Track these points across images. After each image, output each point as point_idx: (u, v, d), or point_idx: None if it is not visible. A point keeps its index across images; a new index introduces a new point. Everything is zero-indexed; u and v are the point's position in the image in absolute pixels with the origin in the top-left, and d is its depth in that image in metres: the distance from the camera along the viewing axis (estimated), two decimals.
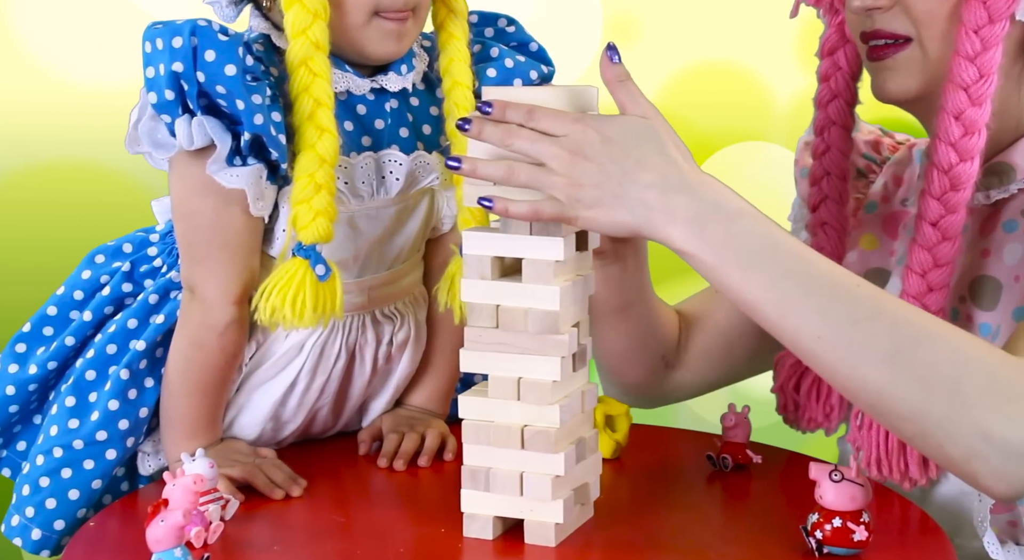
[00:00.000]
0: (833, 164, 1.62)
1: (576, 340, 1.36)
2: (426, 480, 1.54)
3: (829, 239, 1.63)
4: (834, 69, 1.61)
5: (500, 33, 1.69)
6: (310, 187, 1.48)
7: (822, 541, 1.33)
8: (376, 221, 1.59)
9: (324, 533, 1.40)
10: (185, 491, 1.29)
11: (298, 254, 1.49)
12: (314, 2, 1.48)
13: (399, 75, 1.59)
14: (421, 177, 1.60)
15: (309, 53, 1.48)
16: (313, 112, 1.48)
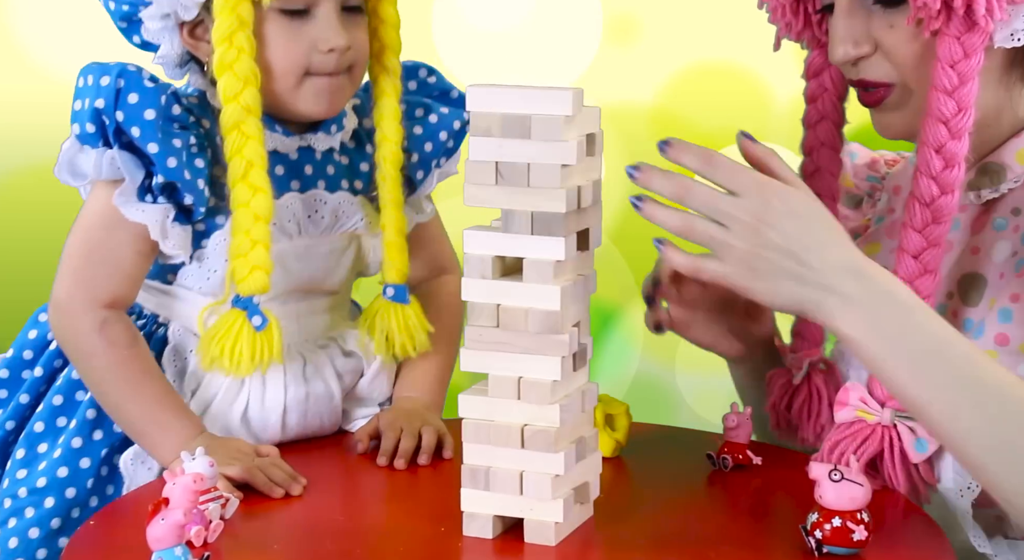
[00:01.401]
0: (823, 186, 1.61)
1: (576, 340, 1.36)
2: (426, 479, 1.54)
3: None
4: (820, 90, 1.61)
5: (422, 84, 1.80)
6: (246, 243, 1.57)
7: (822, 540, 1.33)
8: (307, 261, 1.67)
9: (324, 532, 1.40)
10: (185, 490, 1.29)
11: (236, 306, 1.59)
12: (244, 69, 1.57)
13: (327, 135, 1.69)
14: (345, 217, 1.69)
15: (241, 117, 1.57)
16: (246, 172, 1.57)
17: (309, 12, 1.61)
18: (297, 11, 1.61)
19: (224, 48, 1.57)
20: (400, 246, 1.71)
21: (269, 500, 1.49)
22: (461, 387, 1.38)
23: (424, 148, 1.76)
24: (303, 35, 1.61)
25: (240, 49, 1.57)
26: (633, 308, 2.90)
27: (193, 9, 1.61)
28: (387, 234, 1.70)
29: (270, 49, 1.60)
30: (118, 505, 1.52)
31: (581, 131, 1.32)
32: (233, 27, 1.57)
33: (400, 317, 1.73)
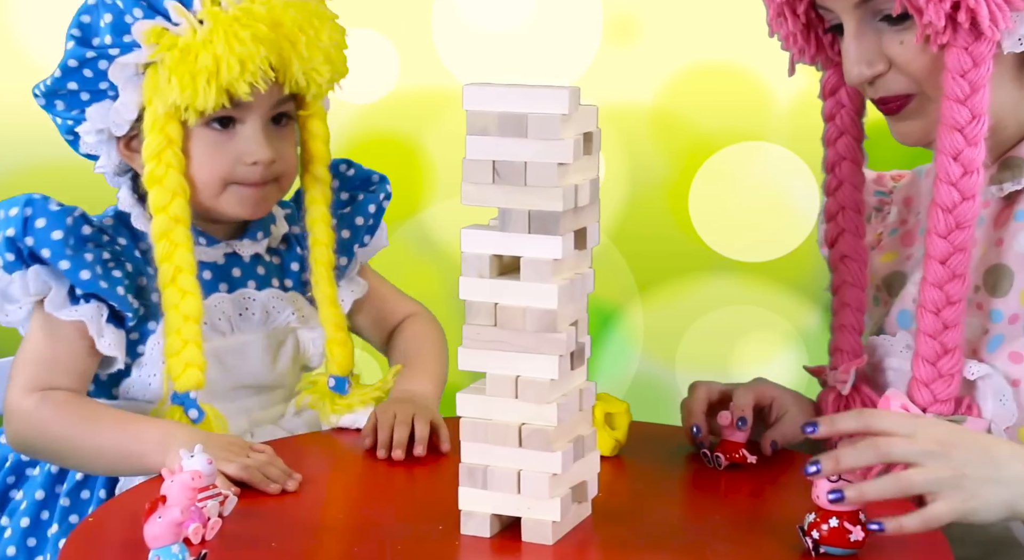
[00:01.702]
0: (847, 198, 1.65)
1: (574, 338, 1.36)
2: (424, 477, 1.54)
3: (850, 271, 1.66)
4: (838, 108, 1.64)
5: (343, 178, 1.91)
6: (178, 342, 1.68)
7: (819, 541, 1.33)
8: (244, 357, 1.77)
9: (322, 530, 1.40)
10: (183, 488, 1.29)
11: (174, 402, 1.69)
12: (173, 183, 1.69)
13: (253, 241, 1.80)
14: (276, 312, 1.79)
15: (170, 226, 1.69)
16: (175, 276, 1.69)
17: (235, 125, 1.71)
18: (224, 124, 1.71)
19: (153, 164, 1.69)
20: (341, 341, 1.81)
21: (267, 498, 1.49)
22: (459, 386, 1.38)
23: (342, 235, 1.86)
24: (228, 148, 1.72)
25: (168, 164, 1.69)
26: (633, 308, 2.90)
27: (124, 126, 1.72)
28: (327, 331, 1.80)
29: (195, 163, 1.71)
30: (116, 503, 1.52)
31: (578, 130, 1.32)
32: (162, 145, 1.68)
33: (337, 405, 1.80)
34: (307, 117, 1.79)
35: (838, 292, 1.67)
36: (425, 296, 2.89)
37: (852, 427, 1.33)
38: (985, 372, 1.50)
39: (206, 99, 1.65)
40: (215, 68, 1.65)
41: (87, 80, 1.70)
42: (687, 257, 2.88)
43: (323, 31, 1.73)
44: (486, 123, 1.31)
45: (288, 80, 1.71)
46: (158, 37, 1.66)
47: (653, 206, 2.87)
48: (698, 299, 2.89)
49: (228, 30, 1.65)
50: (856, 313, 1.65)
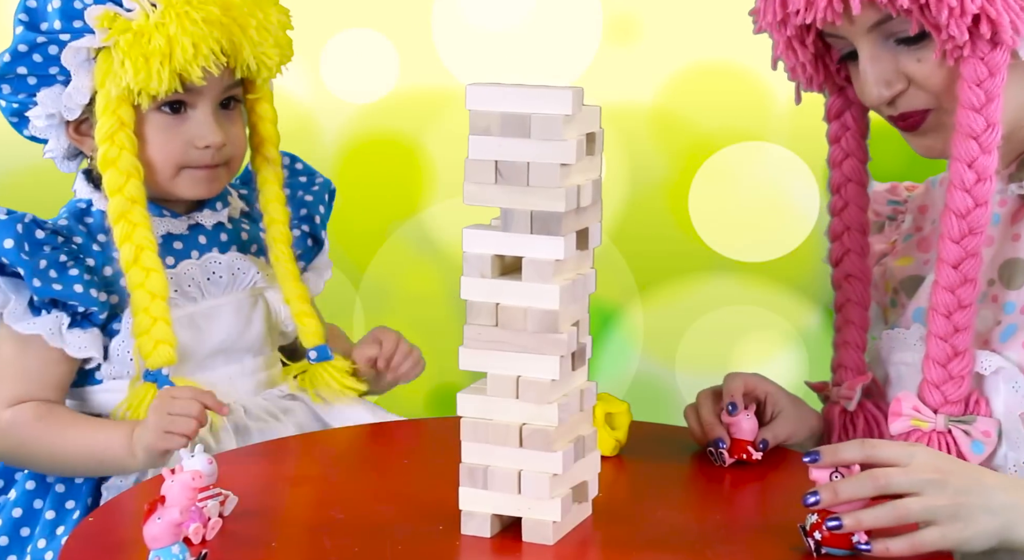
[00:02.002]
0: (852, 219, 1.67)
1: (575, 339, 1.36)
2: (424, 477, 1.54)
3: (854, 290, 1.68)
4: (843, 130, 1.66)
5: (292, 171, 1.97)
6: (147, 320, 1.71)
7: (821, 542, 1.33)
8: (216, 320, 1.80)
9: (322, 530, 1.40)
10: (183, 488, 1.29)
11: (146, 379, 1.71)
12: (127, 164, 1.72)
13: (213, 211, 1.84)
14: (241, 273, 1.83)
15: (127, 207, 1.72)
16: (137, 256, 1.72)
17: (186, 110, 1.75)
18: (175, 109, 1.74)
19: (107, 147, 1.72)
20: (308, 312, 1.85)
21: (267, 497, 1.49)
22: (459, 386, 1.38)
23: (320, 210, 1.93)
24: (180, 132, 1.75)
25: (121, 146, 1.72)
26: (633, 308, 2.90)
27: (76, 110, 1.74)
28: (293, 306, 1.84)
29: (149, 146, 1.76)
30: (116, 503, 1.52)
31: (581, 130, 1.32)
32: (114, 127, 1.71)
33: (330, 372, 1.85)
34: (255, 100, 1.84)
35: (842, 310, 1.69)
36: (425, 296, 2.91)
37: (855, 458, 1.34)
38: (998, 364, 1.51)
39: (160, 82, 1.69)
40: (168, 50, 1.68)
41: (36, 65, 1.72)
42: (687, 257, 2.89)
43: (272, 14, 1.77)
44: (489, 123, 1.31)
45: (239, 64, 1.75)
46: (111, 22, 1.69)
47: (653, 206, 2.88)
48: (698, 299, 2.89)
49: (181, 12, 1.69)
50: (859, 331, 1.68)
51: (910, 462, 1.33)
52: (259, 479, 1.57)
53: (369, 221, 2.85)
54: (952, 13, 1.44)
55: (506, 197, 1.32)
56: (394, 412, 1.87)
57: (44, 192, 1.94)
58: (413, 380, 1.91)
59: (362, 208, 2.82)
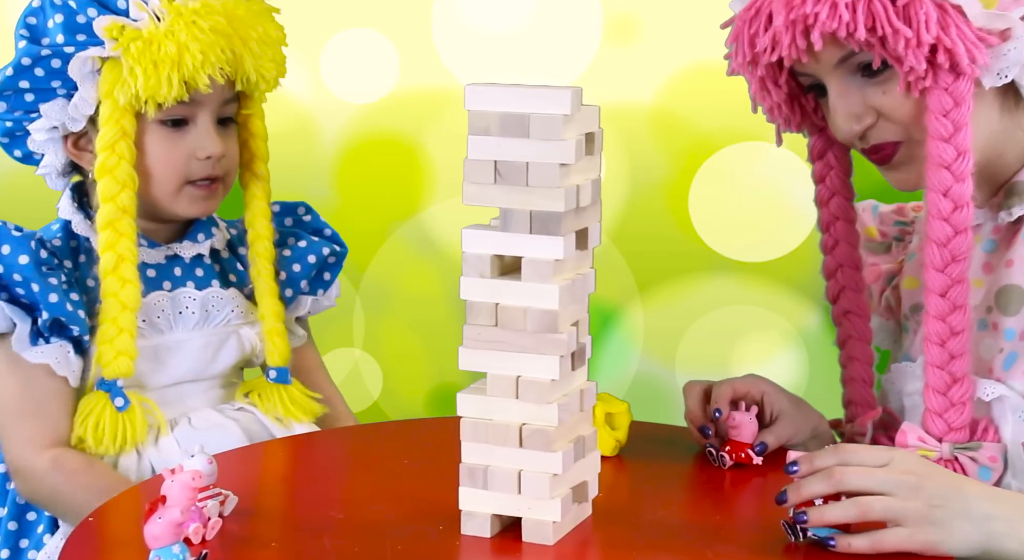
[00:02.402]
0: (844, 256, 1.70)
1: (575, 339, 1.36)
2: (424, 477, 1.54)
3: (854, 326, 1.70)
4: (827, 169, 1.70)
5: (298, 221, 1.96)
6: (113, 329, 1.71)
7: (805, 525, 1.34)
8: (182, 354, 1.80)
9: (322, 530, 1.40)
10: (183, 488, 1.29)
11: (99, 388, 1.72)
12: (123, 174, 1.73)
13: (194, 243, 1.85)
14: (215, 310, 1.83)
15: (116, 216, 1.73)
16: (117, 265, 1.72)
17: (187, 124, 1.76)
18: (177, 122, 1.76)
19: (106, 155, 1.73)
20: (279, 331, 1.85)
21: (267, 498, 1.49)
22: (459, 386, 1.38)
23: (292, 268, 1.90)
24: (182, 144, 1.76)
25: (121, 156, 1.73)
26: (633, 308, 2.90)
27: (81, 121, 1.75)
28: (266, 323, 1.85)
29: (151, 157, 1.76)
30: (116, 502, 1.52)
31: (580, 130, 1.32)
32: (116, 137, 1.73)
33: (284, 396, 1.85)
34: (248, 116, 1.86)
35: (844, 346, 1.71)
36: (425, 296, 2.91)
37: (829, 464, 1.35)
38: (1001, 392, 1.52)
39: (169, 89, 1.70)
40: (178, 57, 1.70)
41: (38, 78, 1.73)
42: (687, 257, 2.88)
43: (271, 29, 1.79)
44: (488, 123, 1.31)
45: (240, 77, 1.77)
46: (119, 32, 1.70)
47: (653, 206, 2.87)
48: (698, 299, 2.89)
49: (189, 21, 1.71)
50: (865, 365, 1.70)
51: (888, 463, 1.34)
52: (259, 479, 1.57)
53: (369, 221, 2.85)
54: (909, 44, 1.46)
55: (505, 197, 1.32)
56: (394, 412, 1.88)
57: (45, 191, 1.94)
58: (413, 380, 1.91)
59: (362, 208, 2.82)
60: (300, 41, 1.89)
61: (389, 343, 2.91)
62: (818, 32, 1.48)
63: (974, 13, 1.46)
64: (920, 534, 1.32)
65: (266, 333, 1.85)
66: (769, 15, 1.52)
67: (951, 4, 1.46)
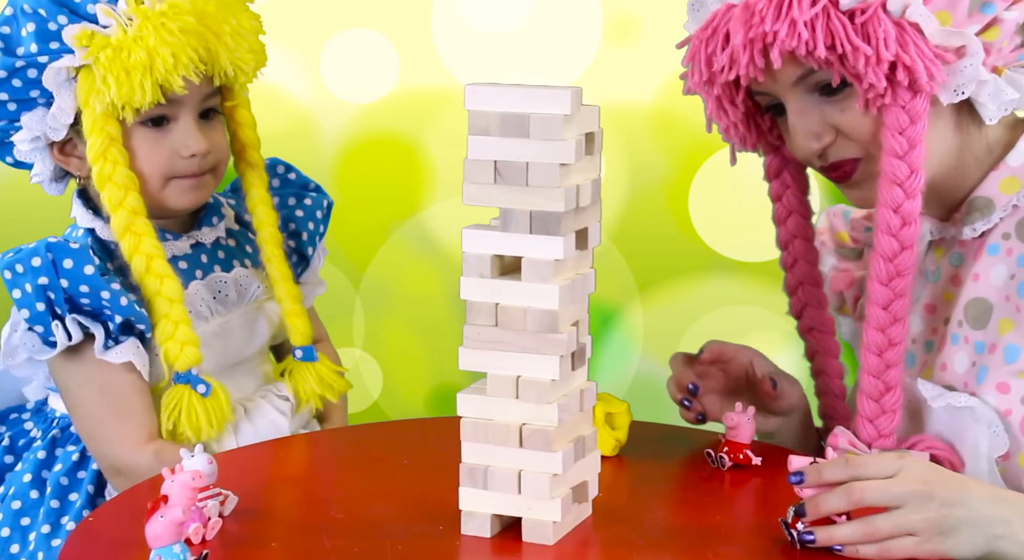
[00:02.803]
0: (804, 274, 1.72)
1: (575, 339, 1.36)
2: (424, 477, 1.54)
3: (820, 342, 1.73)
4: (783, 188, 1.71)
5: (284, 180, 1.99)
6: (169, 325, 1.74)
7: (803, 534, 1.34)
8: (225, 337, 1.83)
9: (322, 530, 1.40)
10: (184, 487, 1.29)
11: (177, 382, 1.74)
12: (122, 178, 1.74)
13: (211, 227, 1.88)
14: (244, 288, 1.87)
15: (130, 220, 1.74)
16: (148, 265, 1.74)
17: (169, 122, 1.76)
18: (158, 122, 1.76)
19: (100, 164, 1.73)
20: (299, 312, 1.88)
21: (267, 497, 1.49)
22: (459, 386, 1.38)
23: (308, 227, 1.94)
24: (165, 143, 1.76)
25: (115, 162, 1.73)
26: (633, 308, 2.90)
27: (61, 131, 1.75)
28: (284, 305, 1.87)
29: (137, 159, 1.77)
30: (117, 502, 1.52)
31: (580, 130, 1.32)
32: (105, 144, 1.73)
33: (313, 373, 1.88)
34: (234, 107, 1.86)
35: (813, 360, 1.74)
36: (425, 296, 2.90)
37: (839, 477, 1.36)
38: (972, 403, 1.51)
39: (143, 95, 1.70)
40: (149, 62, 1.70)
41: (16, 89, 1.73)
42: (687, 257, 2.88)
43: (244, 20, 1.78)
44: (488, 123, 1.31)
45: (217, 71, 1.76)
46: (89, 39, 1.70)
47: (653, 206, 2.87)
48: (698, 299, 2.89)
49: (157, 24, 1.70)
50: (834, 379, 1.73)
51: (898, 474, 1.34)
52: (259, 479, 1.57)
53: (369, 221, 2.85)
54: (868, 62, 1.46)
55: (505, 197, 1.32)
56: (394, 412, 1.89)
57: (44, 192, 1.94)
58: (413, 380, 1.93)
59: (362, 208, 2.82)
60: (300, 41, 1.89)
61: (389, 343, 2.91)
62: (777, 51, 1.47)
63: (931, 31, 1.47)
64: (927, 544, 1.32)
65: (286, 315, 1.87)
66: (727, 34, 1.52)
67: (908, 22, 1.46)
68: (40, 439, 1.85)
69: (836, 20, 1.46)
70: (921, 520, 1.32)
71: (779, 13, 1.47)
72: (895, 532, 1.32)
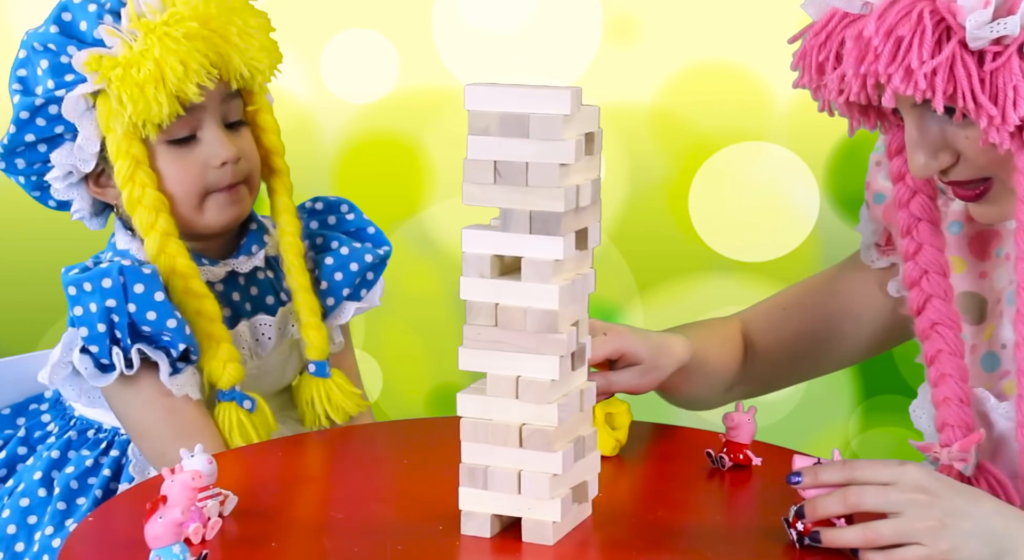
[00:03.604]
0: (930, 261, 1.55)
1: (575, 339, 1.36)
2: (424, 477, 1.54)
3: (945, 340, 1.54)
4: (907, 166, 1.52)
5: (341, 220, 1.95)
6: (211, 344, 1.73)
7: (803, 533, 1.34)
8: (261, 378, 1.83)
9: (322, 530, 1.40)
10: (183, 487, 1.29)
11: (223, 400, 1.74)
12: (152, 199, 1.73)
13: (248, 256, 1.85)
14: (282, 330, 1.85)
15: (164, 242, 1.73)
16: (186, 286, 1.73)
17: (195, 138, 1.75)
18: (184, 141, 1.75)
19: (129, 188, 1.72)
20: (315, 325, 1.84)
21: (267, 498, 1.49)
22: (459, 386, 1.38)
23: (334, 277, 1.88)
24: (194, 158, 1.75)
25: (143, 184, 1.72)
26: (633, 308, 2.90)
27: (91, 161, 1.75)
28: (302, 316, 1.83)
29: (167, 178, 1.75)
30: (116, 502, 1.52)
31: (580, 130, 1.32)
32: (132, 167, 1.72)
33: (322, 390, 1.85)
34: (255, 112, 1.84)
35: (934, 362, 1.54)
36: (425, 296, 2.90)
37: (836, 480, 1.34)
38: None
39: (160, 108, 1.69)
40: (160, 74, 1.68)
41: (41, 128, 1.73)
42: (687, 257, 2.88)
43: (249, 19, 1.77)
44: (488, 123, 1.31)
45: (232, 74, 1.75)
46: (98, 63, 1.69)
47: (653, 206, 2.87)
48: (698, 299, 2.89)
49: (162, 35, 1.69)
50: (959, 383, 1.52)
51: (897, 481, 1.33)
52: (259, 479, 1.57)
53: None
54: (992, 122, 1.34)
55: (505, 197, 1.32)
56: (394, 412, 1.89)
57: None
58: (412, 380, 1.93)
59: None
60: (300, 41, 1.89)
61: (389, 343, 2.91)
62: (891, 93, 1.36)
63: None
64: (937, 554, 1.31)
65: (302, 327, 1.84)
66: (838, 54, 1.40)
67: None
68: (56, 436, 1.84)
69: (961, 68, 1.33)
70: (924, 528, 1.31)
71: (895, 55, 1.34)
72: (898, 538, 1.31)
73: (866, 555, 1.32)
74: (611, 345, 1.60)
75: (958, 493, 1.33)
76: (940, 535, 1.31)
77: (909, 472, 1.34)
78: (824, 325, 1.74)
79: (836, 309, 1.73)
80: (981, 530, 1.32)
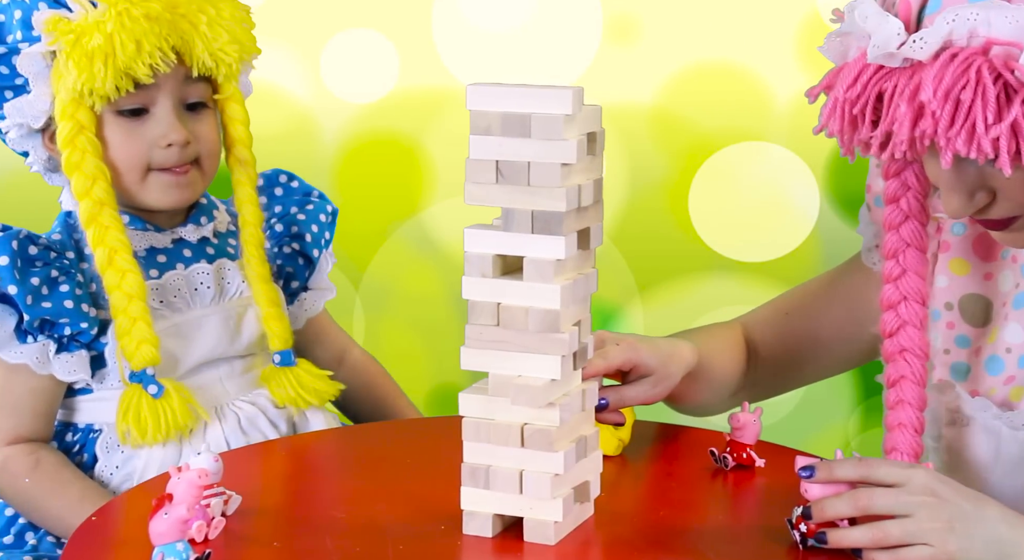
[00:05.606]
0: (911, 288, 1.52)
1: (577, 339, 1.36)
2: (425, 477, 1.54)
3: (911, 367, 1.53)
4: (903, 190, 1.51)
5: (287, 189, 1.96)
6: (127, 321, 1.70)
7: (806, 534, 1.34)
8: (203, 329, 1.79)
9: (324, 529, 1.40)
10: (189, 485, 1.29)
11: (131, 381, 1.71)
12: (91, 167, 1.71)
13: (197, 226, 1.84)
14: (226, 283, 1.83)
15: (96, 210, 1.71)
16: (111, 258, 1.71)
17: (147, 111, 1.74)
18: (135, 113, 1.73)
19: (69, 151, 1.71)
20: (276, 315, 1.83)
21: (271, 497, 1.49)
22: (460, 386, 1.38)
23: (312, 229, 1.91)
24: (142, 133, 1.74)
25: (83, 150, 1.71)
26: (634, 308, 2.90)
27: (40, 118, 1.74)
28: (261, 307, 1.83)
29: (112, 148, 1.75)
30: (121, 500, 1.52)
31: (582, 130, 1.32)
32: (74, 131, 1.71)
33: (290, 378, 1.83)
34: (224, 101, 1.82)
35: (895, 387, 1.53)
36: (425, 296, 2.91)
37: (850, 476, 1.35)
38: None
39: (104, 81, 1.68)
40: (109, 49, 1.68)
41: (4, 76, 1.73)
42: (687, 257, 2.88)
43: (224, 9, 1.76)
44: (489, 123, 1.32)
45: (195, 61, 1.74)
46: (55, 25, 1.69)
47: (653, 206, 2.87)
48: (698, 299, 2.89)
49: (121, 10, 1.68)
50: (916, 411, 1.52)
51: (906, 483, 1.33)
52: (261, 478, 1.58)
53: (369, 221, 2.85)
54: None
55: (507, 197, 1.32)
56: None
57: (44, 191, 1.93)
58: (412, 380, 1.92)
59: (362, 208, 2.82)
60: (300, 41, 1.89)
61: (389, 343, 2.91)
62: (950, 155, 1.31)
63: None
64: (944, 555, 1.31)
65: (263, 319, 1.83)
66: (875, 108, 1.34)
67: None
68: None
69: None
70: (932, 530, 1.31)
71: (954, 118, 1.30)
72: (906, 539, 1.31)
73: (871, 555, 1.32)
74: (624, 356, 1.58)
75: (965, 497, 1.34)
76: (948, 537, 1.31)
77: (918, 474, 1.34)
78: (827, 329, 1.74)
79: (838, 313, 1.73)
80: (987, 534, 1.32)
